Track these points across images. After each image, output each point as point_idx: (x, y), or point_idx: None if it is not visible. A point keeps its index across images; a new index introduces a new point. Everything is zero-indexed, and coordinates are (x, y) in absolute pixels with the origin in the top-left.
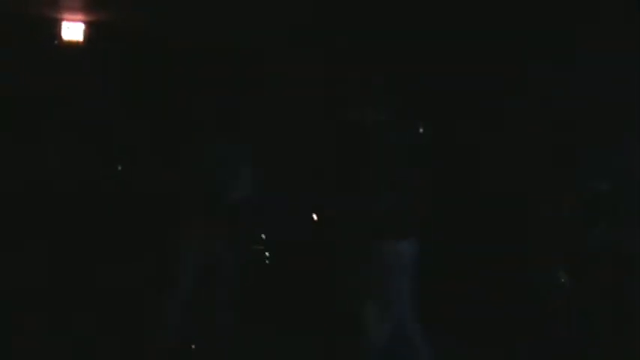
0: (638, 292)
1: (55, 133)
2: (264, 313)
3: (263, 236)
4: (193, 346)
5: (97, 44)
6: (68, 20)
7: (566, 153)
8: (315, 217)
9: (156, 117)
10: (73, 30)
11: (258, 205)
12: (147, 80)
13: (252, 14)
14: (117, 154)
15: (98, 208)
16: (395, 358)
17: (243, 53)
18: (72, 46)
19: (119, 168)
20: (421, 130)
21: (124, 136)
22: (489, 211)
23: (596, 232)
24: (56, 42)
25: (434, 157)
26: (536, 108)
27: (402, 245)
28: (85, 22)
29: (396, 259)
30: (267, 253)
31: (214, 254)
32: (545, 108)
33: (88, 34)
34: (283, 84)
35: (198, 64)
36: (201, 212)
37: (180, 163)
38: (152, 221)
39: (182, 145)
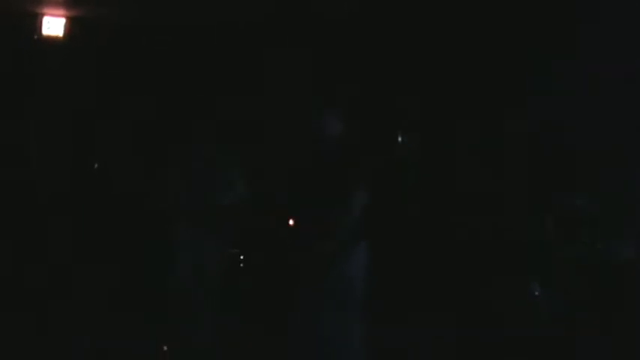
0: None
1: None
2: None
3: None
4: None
5: (79, 39)
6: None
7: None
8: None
9: (140, 115)
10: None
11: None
12: (131, 76)
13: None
14: (99, 154)
15: (81, 207)
16: None
17: (230, 47)
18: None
19: (99, 167)
20: None
21: (106, 134)
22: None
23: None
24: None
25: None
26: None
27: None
28: (67, 17)
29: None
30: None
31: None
32: None
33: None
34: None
35: (183, 59)
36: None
37: (167, 163)
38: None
39: (168, 145)
